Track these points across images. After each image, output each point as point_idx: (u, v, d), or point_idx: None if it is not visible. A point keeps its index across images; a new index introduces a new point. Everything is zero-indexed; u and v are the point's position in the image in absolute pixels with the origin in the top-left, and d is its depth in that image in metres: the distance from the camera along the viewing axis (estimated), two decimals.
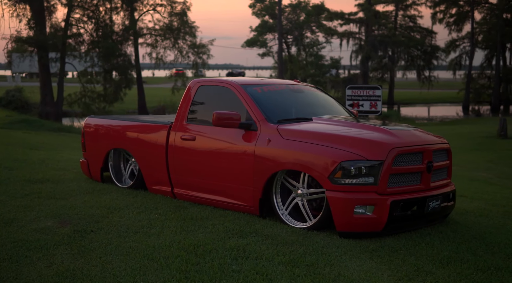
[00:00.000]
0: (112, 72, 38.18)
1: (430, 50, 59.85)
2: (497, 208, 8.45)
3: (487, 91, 62.00)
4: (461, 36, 61.44)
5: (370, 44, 50.73)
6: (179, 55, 41.02)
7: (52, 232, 6.39)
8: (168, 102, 41.84)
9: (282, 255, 5.67)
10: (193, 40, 40.93)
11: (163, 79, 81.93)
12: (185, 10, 39.80)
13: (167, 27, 40.29)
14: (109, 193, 8.45)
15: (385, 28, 56.45)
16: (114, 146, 9.00)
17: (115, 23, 38.89)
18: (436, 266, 5.57)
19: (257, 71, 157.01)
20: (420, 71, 61.04)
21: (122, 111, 38.89)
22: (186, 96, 8.10)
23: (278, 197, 6.98)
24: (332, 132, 6.66)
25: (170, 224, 6.71)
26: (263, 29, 60.55)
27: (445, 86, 72.66)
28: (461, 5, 59.79)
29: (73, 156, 13.37)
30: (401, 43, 54.31)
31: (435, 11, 60.81)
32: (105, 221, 6.86)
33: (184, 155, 7.85)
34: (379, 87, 13.59)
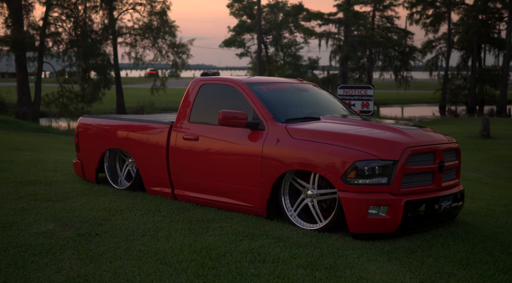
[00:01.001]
0: (90, 72, 37.62)
1: (407, 51, 60.17)
2: (500, 207, 8.39)
3: (463, 92, 62.59)
4: (437, 37, 61.92)
5: (349, 44, 50.82)
6: (159, 54, 40.66)
7: (56, 236, 6.15)
8: (147, 102, 41.43)
9: (299, 258, 5.50)
10: (173, 39, 40.61)
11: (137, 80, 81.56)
12: (165, 10, 39.46)
13: (146, 26, 39.88)
14: (106, 194, 8.21)
15: (364, 29, 56.61)
16: (110, 146, 8.75)
17: (94, 22, 38.41)
18: (456, 267, 5.45)
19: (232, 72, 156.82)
20: (397, 72, 61.33)
21: (100, 112, 38.38)
22: (187, 96, 7.89)
23: (286, 198, 6.82)
24: (344, 132, 6.52)
25: (177, 227, 6.50)
26: (241, 29, 60.36)
27: (421, 87, 73.20)
28: (437, 6, 60.22)
29: (60, 156, 13.07)
30: (380, 44, 54.50)
31: (411, 12, 61.14)
32: (109, 223, 6.63)
33: (186, 155, 7.64)
34: (371, 86, 13.51)
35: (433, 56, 62.83)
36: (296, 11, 56.07)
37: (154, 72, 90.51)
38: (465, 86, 62.66)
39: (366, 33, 55.13)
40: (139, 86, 64.60)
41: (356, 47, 51.29)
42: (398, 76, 61.26)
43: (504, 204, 8.82)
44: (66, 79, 36.99)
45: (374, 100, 13.43)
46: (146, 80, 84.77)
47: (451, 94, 61.76)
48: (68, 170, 10.32)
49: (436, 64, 63.26)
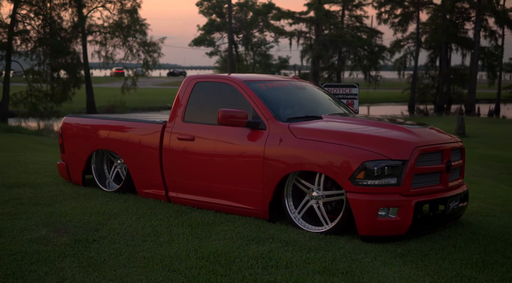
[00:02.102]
0: (59, 71, 36.80)
1: (377, 50, 60.52)
2: (498, 207, 8.28)
3: (431, 90, 63.23)
4: (406, 37, 62.38)
5: (320, 43, 50.86)
6: (130, 53, 40.03)
7: (51, 243, 5.81)
8: (117, 101, 40.83)
9: (312, 263, 5.27)
10: (144, 38, 40.03)
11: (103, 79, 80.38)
12: (135, 7, 38.83)
13: (117, 24, 39.22)
14: (95, 197, 7.87)
15: (335, 28, 56.73)
16: (98, 147, 8.39)
17: (64, 19, 37.57)
18: (474, 270, 5.29)
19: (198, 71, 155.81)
20: (366, 71, 61.64)
21: (70, 111, 37.65)
22: (181, 94, 7.60)
23: (289, 199, 6.58)
24: (351, 131, 6.30)
25: (178, 231, 6.22)
26: (211, 28, 59.98)
27: (390, 86, 73.73)
28: (406, 6, 60.67)
29: (38, 157, 12.61)
30: (351, 43, 54.69)
31: (380, 11, 61.51)
32: (105, 228, 6.31)
33: (181, 156, 7.34)
34: (356, 85, 13.34)
35: (401, 55, 63.33)
36: (267, 9, 55.90)
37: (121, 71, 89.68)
38: (433, 85, 63.31)
39: (337, 33, 55.25)
40: (105, 85, 63.61)
41: (328, 46, 51.34)
42: (368, 76, 61.59)
43: (500, 203, 8.74)
44: (35, 78, 36.12)
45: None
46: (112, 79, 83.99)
47: (420, 93, 62.33)
48: (50, 172, 9.92)
49: (405, 64, 63.74)
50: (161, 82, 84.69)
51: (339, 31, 55.78)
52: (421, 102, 62.19)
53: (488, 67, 59.61)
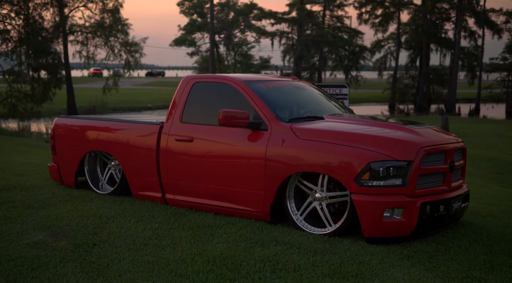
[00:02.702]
0: (40, 71, 36.29)
1: (358, 50, 60.70)
2: (495, 207, 8.29)
3: (411, 90, 63.57)
4: (386, 37, 62.63)
5: (303, 43, 50.86)
6: (111, 53, 39.63)
7: (50, 247, 5.65)
8: (98, 102, 40.44)
9: (321, 266, 5.18)
10: (125, 38, 39.64)
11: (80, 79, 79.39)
12: (117, 7, 38.43)
13: (98, 24, 38.79)
14: (90, 200, 7.71)
15: (317, 28, 56.78)
16: (91, 149, 8.23)
17: (45, 19, 37.05)
18: (483, 271, 5.25)
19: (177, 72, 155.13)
20: (347, 71, 61.81)
21: (51, 112, 37.22)
22: (178, 94, 7.46)
23: (291, 201, 6.49)
24: (355, 132, 6.23)
25: (179, 234, 6.09)
26: (192, 28, 59.70)
27: (371, 86, 73.99)
28: (386, 6, 60.90)
29: (25, 159, 12.38)
30: (333, 43, 54.79)
31: (361, 11, 61.68)
32: (104, 232, 6.17)
33: (179, 157, 7.21)
34: (346, 85, 13.29)
35: (381, 55, 63.59)
36: (249, 9, 55.76)
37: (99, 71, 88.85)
38: (413, 85, 63.65)
39: (318, 33, 55.32)
40: (84, 86, 62.94)
41: (310, 47, 51.38)
42: (349, 76, 61.77)
43: (496, 203, 8.75)
44: (15, 79, 35.57)
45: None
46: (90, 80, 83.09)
47: (400, 93, 62.62)
48: (40, 174, 9.72)
49: (385, 64, 64.01)
50: (140, 82, 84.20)
51: (320, 31, 55.85)
52: (401, 102, 62.49)
53: (467, 67, 60.08)
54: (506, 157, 17.26)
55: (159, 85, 77.97)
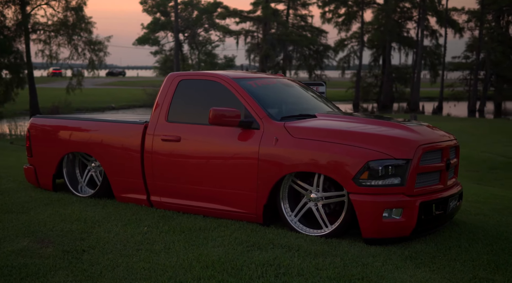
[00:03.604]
0: (1, 71, 35.32)
1: (322, 49, 60.90)
2: (482, 205, 8.24)
3: (374, 89, 64.07)
4: (349, 36, 62.97)
5: (268, 42, 50.74)
6: (75, 52, 38.83)
7: (37, 254, 5.34)
8: (62, 102, 39.63)
9: (324, 269, 5.00)
10: (89, 36, 38.89)
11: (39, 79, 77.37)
12: (81, 5, 37.66)
13: (61, 22, 37.95)
14: (71, 203, 7.39)
15: (282, 27, 56.73)
16: (71, 150, 7.89)
17: (7, 17, 36.07)
18: (489, 271, 5.14)
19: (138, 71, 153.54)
20: (311, 71, 61.95)
21: (13, 113, 36.33)
22: (164, 92, 7.19)
23: (285, 202, 6.29)
24: (352, 130, 6.06)
25: (171, 238, 5.84)
26: (155, 26, 59.12)
27: (334, 85, 74.23)
28: (349, 5, 61.23)
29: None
30: (298, 42, 54.82)
31: (324, 10, 61.90)
32: (91, 237, 5.88)
33: (166, 158, 6.95)
34: (323, 83, 13.15)
35: (345, 54, 63.91)
36: (214, 8, 55.41)
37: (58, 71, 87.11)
38: (376, 84, 64.16)
39: (283, 32, 55.29)
40: (44, 86, 61.72)
41: (275, 45, 51.31)
42: (312, 75, 61.92)
43: (482, 200, 8.72)
44: None
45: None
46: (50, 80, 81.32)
47: (363, 92, 63.06)
48: (14, 176, 9.33)
49: (348, 63, 64.36)
50: (101, 82, 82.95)
51: (285, 30, 55.83)
52: (364, 101, 62.93)
53: (430, 66, 60.82)
54: (478, 155, 17.40)
55: (121, 85, 76.99)
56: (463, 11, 56.52)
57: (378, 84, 63.41)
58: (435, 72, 60.73)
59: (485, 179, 14.05)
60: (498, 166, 16.67)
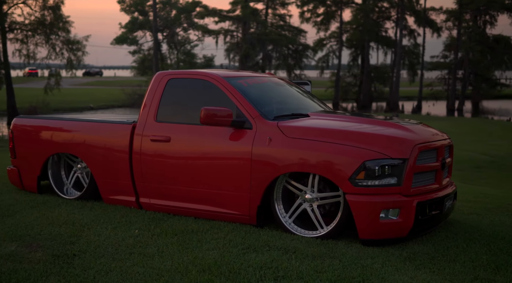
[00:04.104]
0: None
1: (301, 49, 60.89)
2: (473, 204, 8.18)
3: (353, 88, 64.23)
4: (328, 35, 63.04)
5: (248, 42, 50.61)
6: (53, 52, 38.28)
7: (26, 259, 5.16)
8: (40, 102, 39.10)
9: (324, 272, 4.89)
10: (67, 36, 38.38)
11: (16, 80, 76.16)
12: (58, 4, 37.13)
13: (39, 21, 37.40)
14: (57, 206, 7.20)
15: (262, 26, 56.62)
16: (56, 151, 7.69)
17: None
18: (489, 272, 5.07)
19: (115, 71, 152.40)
20: (290, 70, 61.90)
21: None
22: (152, 92, 7.02)
23: (279, 203, 6.17)
24: (347, 129, 5.95)
25: (164, 241, 5.69)
26: (134, 26, 58.61)
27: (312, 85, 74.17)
28: (328, 5, 61.27)
29: None
30: (278, 42, 54.73)
31: (303, 10, 61.90)
32: (81, 241, 5.71)
33: (155, 159, 6.79)
34: (309, 82, 13.03)
35: (324, 54, 63.95)
36: (193, 7, 55.08)
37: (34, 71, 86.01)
38: (355, 83, 64.33)
39: (262, 31, 55.18)
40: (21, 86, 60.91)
41: (255, 45, 51.20)
42: (292, 74, 61.87)
43: (472, 200, 8.65)
44: None
45: None
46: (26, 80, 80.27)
47: (342, 92, 63.18)
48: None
49: (327, 62, 64.42)
50: (78, 82, 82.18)
51: (264, 29, 55.73)
52: (343, 100, 63.05)
53: (408, 66, 61.13)
54: (461, 154, 17.44)
55: (98, 85, 76.34)
56: (441, 10, 56.90)
57: (357, 83, 63.55)
58: (413, 72, 61.05)
59: (470, 178, 14.07)
60: (482, 164, 16.74)
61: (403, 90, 67.61)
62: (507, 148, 20.17)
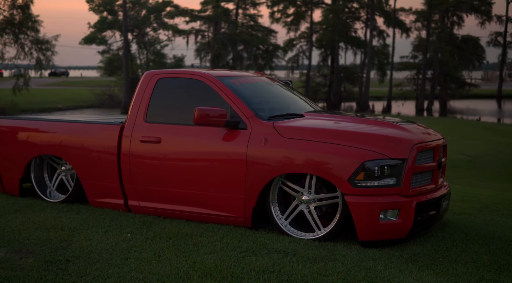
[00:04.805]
0: None
1: (271, 49, 60.87)
2: (461, 203, 8.18)
3: (323, 89, 64.43)
4: (298, 36, 63.13)
5: (219, 42, 50.39)
6: (21, 51, 37.58)
7: (18, 266, 4.95)
8: (8, 103, 38.37)
9: (328, 275, 4.79)
10: (36, 35, 37.73)
11: None
12: (27, 3, 36.48)
13: (7, 21, 36.68)
14: (42, 210, 6.97)
15: (234, 26, 56.41)
16: (40, 153, 7.45)
17: None
18: (493, 272, 5.04)
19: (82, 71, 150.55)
20: (261, 70, 61.82)
21: None
22: (141, 92, 6.83)
23: (275, 204, 6.05)
24: (344, 129, 5.86)
25: (159, 245, 5.53)
26: (102, 25, 57.89)
27: None
28: (298, 5, 61.34)
29: None
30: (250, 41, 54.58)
31: (273, 10, 61.86)
32: (73, 246, 5.51)
33: (145, 160, 6.61)
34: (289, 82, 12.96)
35: (294, 54, 64.02)
36: (164, 6, 54.59)
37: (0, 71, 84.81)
38: (325, 83, 64.53)
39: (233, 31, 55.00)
40: None
41: (227, 45, 50.99)
42: None
43: (460, 199, 8.65)
44: None
45: None
46: None
47: (312, 92, 63.32)
48: None
49: (298, 62, 64.51)
50: (44, 82, 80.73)
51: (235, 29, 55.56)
52: (314, 100, 63.14)
53: (378, 66, 61.55)
54: None
55: (65, 85, 75.21)
56: (410, 11, 57.42)
57: (327, 84, 63.73)
58: (383, 72, 61.48)
59: (449, 177, 14.06)
60: (459, 164, 16.84)
61: (373, 90, 68.03)
62: (482, 147, 20.38)
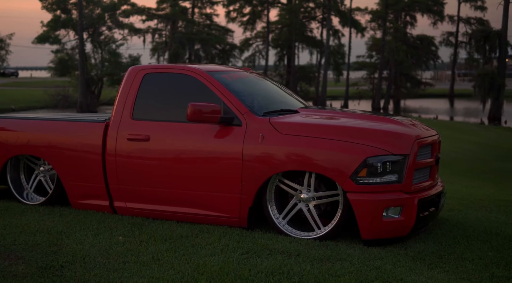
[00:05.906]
0: None
1: (228, 48, 60.64)
2: (450, 200, 8.10)
3: None
4: (254, 35, 63.06)
5: (177, 41, 49.86)
6: None
7: (9, 273, 4.63)
8: None
9: (341, 275, 4.62)
10: None
11: None
12: None
13: None
14: (22, 213, 6.61)
15: (190, 25, 55.91)
16: (17, 153, 7.08)
17: None
18: (502, 269, 4.97)
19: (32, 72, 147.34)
20: None
21: None
22: (126, 88, 6.55)
23: (272, 204, 5.85)
24: (344, 125, 5.71)
25: (157, 248, 5.26)
26: (56, 24, 56.62)
27: None
28: (254, 5, 61.26)
29: None
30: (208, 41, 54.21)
31: (229, 9, 61.63)
32: (64, 251, 5.20)
33: (132, 159, 6.33)
34: None
35: (250, 54, 63.91)
36: (120, 4, 53.69)
37: None
38: (281, 83, 64.63)
39: (190, 30, 54.53)
40: None
41: (185, 44, 50.51)
42: None
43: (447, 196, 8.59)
44: None
45: None
46: None
47: None
48: None
49: (254, 62, 64.42)
50: None
51: (192, 28, 55.11)
52: None
53: (334, 65, 61.94)
54: None
55: (15, 86, 73.24)
56: (366, 11, 57.97)
57: (284, 83, 63.78)
58: (339, 72, 61.94)
59: None
60: None
61: (329, 90, 68.51)
62: (448, 145, 20.59)
